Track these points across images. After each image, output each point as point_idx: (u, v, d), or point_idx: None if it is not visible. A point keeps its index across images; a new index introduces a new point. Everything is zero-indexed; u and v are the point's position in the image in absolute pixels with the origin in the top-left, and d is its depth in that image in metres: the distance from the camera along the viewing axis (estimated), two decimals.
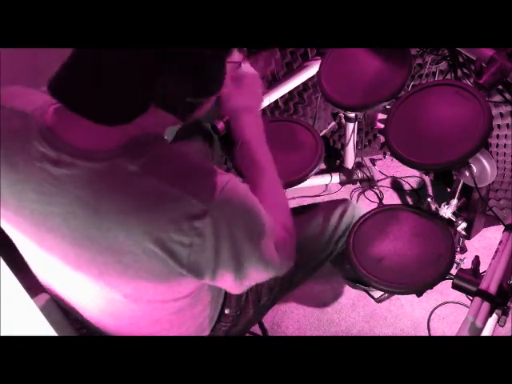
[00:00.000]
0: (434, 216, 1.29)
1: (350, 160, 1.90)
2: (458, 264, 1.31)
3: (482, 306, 0.93)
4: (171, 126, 0.80)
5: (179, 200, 0.67)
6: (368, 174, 1.94)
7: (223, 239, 0.69)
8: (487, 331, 1.03)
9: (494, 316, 1.00)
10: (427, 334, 1.56)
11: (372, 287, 1.22)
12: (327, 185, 2.04)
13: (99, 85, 0.64)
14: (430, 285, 1.12)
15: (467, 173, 1.27)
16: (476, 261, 1.06)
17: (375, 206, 1.84)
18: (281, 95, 1.71)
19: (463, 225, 1.35)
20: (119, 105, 0.66)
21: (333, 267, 1.57)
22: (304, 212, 1.32)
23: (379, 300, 1.64)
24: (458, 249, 1.46)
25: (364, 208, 1.36)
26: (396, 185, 2.04)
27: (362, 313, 1.65)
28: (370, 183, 1.98)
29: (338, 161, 2.09)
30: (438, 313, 1.61)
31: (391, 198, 1.99)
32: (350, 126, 1.75)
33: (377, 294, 1.65)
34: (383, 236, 1.25)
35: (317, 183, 1.98)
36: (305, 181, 1.35)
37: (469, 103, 1.16)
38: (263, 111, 1.81)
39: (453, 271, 1.10)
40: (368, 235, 1.25)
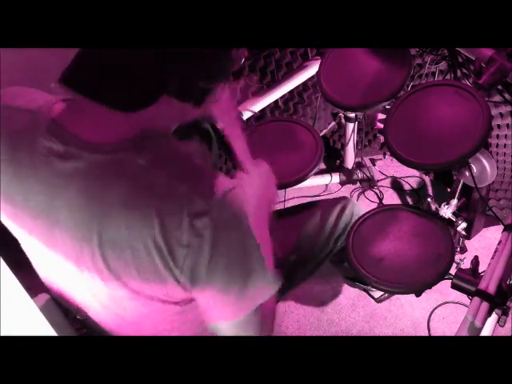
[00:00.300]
0: (434, 216, 1.29)
1: (350, 160, 1.90)
2: (458, 264, 1.32)
3: (481, 306, 0.93)
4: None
5: (183, 197, 0.67)
6: (368, 174, 1.95)
7: (220, 246, 0.68)
8: (487, 331, 1.03)
9: (494, 316, 1.00)
10: (427, 334, 1.56)
11: (372, 287, 1.22)
12: (327, 185, 2.04)
13: (114, 72, 0.65)
14: (430, 285, 1.13)
15: (467, 173, 1.27)
16: (475, 261, 1.06)
17: (375, 206, 1.84)
18: (281, 95, 1.71)
19: (463, 225, 1.35)
20: (134, 91, 0.67)
21: (332, 266, 1.58)
22: (302, 210, 1.31)
23: (379, 300, 1.65)
24: (458, 249, 1.46)
25: (364, 208, 1.36)
26: (396, 185, 2.04)
27: (362, 313, 1.65)
28: (370, 183, 1.98)
29: (338, 161, 2.10)
30: (438, 313, 1.62)
31: (391, 198, 1.99)
32: (350, 126, 1.75)
33: (377, 294, 1.65)
34: (383, 236, 1.25)
35: (317, 183, 1.98)
36: (305, 180, 1.36)
37: (468, 103, 1.16)
38: (263, 111, 1.82)
39: (452, 271, 1.10)
40: (368, 235, 1.26)
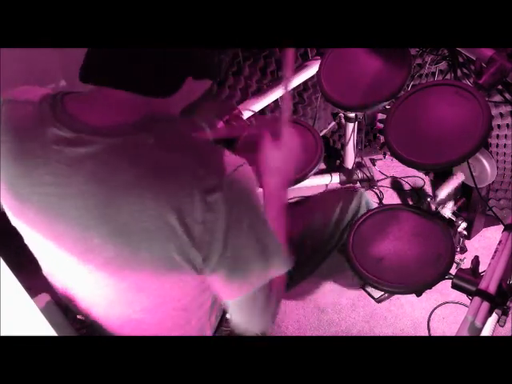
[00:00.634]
0: (434, 216, 1.29)
1: (350, 160, 1.90)
2: (458, 264, 1.32)
3: (482, 306, 0.94)
4: None
5: (194, 174, 0.68)
6: (368, 174, 1.94)
7: (234, 220, 0.70)
8: (487, 331, 1.03)
9: (494, 316, 1.00)
10: (427, 334, 1.56)
11: (372, 287, 1.22)
12: (327, 185, 2.04)
13: (145, 60, 0.67)
14: (430, 285, 1.13)
15: (467, 173, 1.27)
16: (475, 261, 1.06)
17: (375, 206, 1.84)
18: (281, 95, 1.71)
19: (463, 225, 1.36)
20: (165, 77, 0.69)
21: (335, 261, 1.56)
22: (307, 203, 1.31)
23: (379, 300, 1.65)
24: (458, 249, 1.46)
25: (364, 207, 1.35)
26: (396, 185, 2.04)
27: (362, 313, 1.64)
28: (370, 183, 1.98)
29: (338, 161, 2.09)
30: (438, 313, 1.61)
31: (391, 198, 1.99)
32: (350, 126, 1.75)
33: (377, 294, 1.65)
34: (383, 236, 1.25)
35: (317, 183, 1.98)
36: (304, 180, 1.36)
37: (468, 103, 1.16)
38: (263, 111, 1.81)
39: (453, 271, 1.10)
40: (368, 235, 1.26)
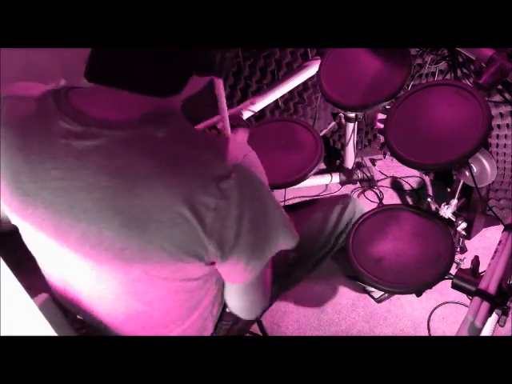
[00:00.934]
0: (434, 216, 1.29)
1: (350, 160, 1.90)
2: (458, 264, 1.31)
3: (482, 306, 0.94)
4: None
5: (205, 163, 0.69)
6: (368, 174, 1.95)
7: (246, 207, 0.71)
8: (487, 331, 1.03)
9: (494, 316, 1.00)
10: (427, 334, 1.56)
11: (372, 287, 1.22)
12: (327, 185, 2.04)
13: (147, 60, 0.67)
14: (430, 284, 1.12)
15: (467, 173, 1.27)
16: (475, 261, 1.06)
17: (375, 206, 1.84)
18: (281, 95, 1.71)
19: (463, 225, 1.35)
20: (168, 77, 0.69)
21: (334, 263, 1.57)
22: (304, 208, 1.31)
23: (379, 300, 1.65)
24: (458, 249, 1.46)
25: (364, 208, 1.35)
26: (396, 185, 2.04)
27: (362, 313, 1.64)
28: (370, 183, 1.98)
29: (338, 161, 2.09)
30: (438, 313, 1.61)
31: (391, 198, 1.99)
32: (350, 126, 1.75)
33: (377, 294, 1.65)
34: (383, 236, 1.25)
35: (317, 183, 1.98)
36: (304, 180, 1.36)
37: (468, 103, 1.16)
38: (263, 111, 1.82)
39: (453, 271, 1.10)
40: (368, 235, 1.26)
